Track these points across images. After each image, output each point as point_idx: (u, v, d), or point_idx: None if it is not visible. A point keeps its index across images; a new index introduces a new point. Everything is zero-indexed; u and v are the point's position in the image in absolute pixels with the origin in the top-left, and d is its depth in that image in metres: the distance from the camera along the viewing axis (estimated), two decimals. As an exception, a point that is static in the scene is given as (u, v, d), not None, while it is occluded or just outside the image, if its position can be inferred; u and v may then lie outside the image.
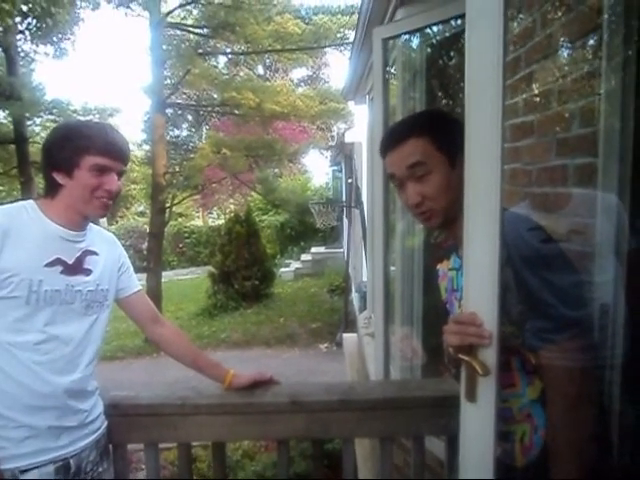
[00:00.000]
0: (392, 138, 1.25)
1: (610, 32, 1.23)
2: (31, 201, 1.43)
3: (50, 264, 1.35)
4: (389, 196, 2.45)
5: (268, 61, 21.26)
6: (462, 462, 1.06)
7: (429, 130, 1.20)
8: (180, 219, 20.62)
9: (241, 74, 18.06)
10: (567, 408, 1.03)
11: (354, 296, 9.19)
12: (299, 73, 24.32)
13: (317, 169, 31.85)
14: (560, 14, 1.46)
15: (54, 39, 7.52)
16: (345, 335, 5.68)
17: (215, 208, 22.93)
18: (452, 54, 3.48)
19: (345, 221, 11.60)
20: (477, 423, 1.01)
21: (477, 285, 0.99)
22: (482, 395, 0.99)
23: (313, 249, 15.63)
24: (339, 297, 10.52)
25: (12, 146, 9.22)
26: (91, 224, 1.51)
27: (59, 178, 1.37)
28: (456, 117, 1.30)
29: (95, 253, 1.47)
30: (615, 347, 1.14)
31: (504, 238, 0.95)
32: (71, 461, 1.37)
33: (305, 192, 16.75)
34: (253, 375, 1.61)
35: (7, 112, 8.79)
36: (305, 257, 15.28)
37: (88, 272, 1.43)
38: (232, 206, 20.25)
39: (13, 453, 1.27)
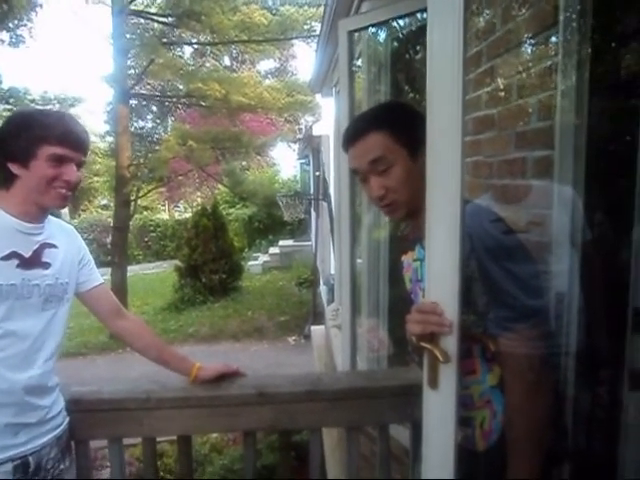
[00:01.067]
0: (352, 133, 1.26)
1: (568, 30, 1.26)
2: None
3: (5, 258, 1.30)
4: (355, 189, 2.47)
5: (235, 52, 20.97)
6: (425, 447, 1.08)
7: (388, 123, 1.21)
8: (145, 212, 20.26)
9: (207, 65, 17.77)
10: (524, 394, 1.06)
11: (322, 289, 9.22)
12: (266, 65, 24.08)
13: (285, 162, 31.68)
14: (521, 10, 1.49)
15: (10, 25, 7.21)
16: (313, 327, 5.71)
17: (181, 201, 22.64)
18: (418, 48, 3.51)
19: (313, 214, 11.61)
20: (439, 409, 1.04)
21: (439, 275, 1.01)
22: (443, 382, 1.01)
23: (281, 242, 15.61)
24: (307, 290, 10.55)
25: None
26: (50, 216, 1.47)
27: (14, 169, 1.31)
28: (421, 110, 1.32)
29: (54, 246, 1.43)
30: (570, 335, 1.18)
31: (467, 229, 0.97)
32: (30, 459, 1.33)
33: (273, 185, 16.67)
34: (219, 367, 1.60)
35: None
36: (273, 250, 15.24)
37: (46, 265, 1.39)
38: (199, 199, 20.04)
39: (-31, 452, 1.24)
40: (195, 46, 15.42)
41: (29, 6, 7.31)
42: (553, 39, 1.35)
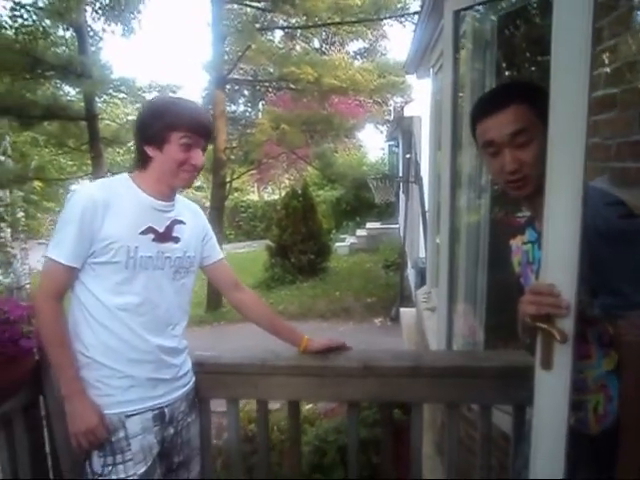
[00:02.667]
0: (491, 104, 1.23)
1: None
2: (125, 174, 1.55)
3: (144, 232, 1.47)
4: (456, 170, 2.45)
5: (324, 34, 21.03)
6: (535, 429, 1.09)
7: (530, 98, 1.18)
8: (236, 194, 21.05)
9: (297, 48, 17.99)
10: (637, 383, 1.04)
11: (410, 272, 9.17)
12: (355, 45, 23.92)
13: (371, 144, 31.48)
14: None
15: (124, 18, 7.79)
16: (402, 310, 5.73)
17: (270, 183, 23.27)
18: (521, 25, 3.38)
19: (402, 197, 11.50)
20: (552, 391, 1.04)
21: (556, 257, 1.01)
22: (558, 363, 1.02)
23: (368, 224, 15.62)
24: (394, 273, 10.53)
25: (82, 122, 9.67)
26: (178, 195, 1.62)
27: (150, 151, 1.48)
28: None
29: (182, 222, 1.58)
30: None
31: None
32: (166, 410, 1.52)
33: (361, 167, 16.67)
34: (327, 341, 1.70)
35: (79, 90, 9.21)
36: (360, 232, 15.31)
37: (176, 240, 1.55)
38: (287, 181, 20.50)
39: (119, 400, 1.43)
40: (286, 30, 15.63)
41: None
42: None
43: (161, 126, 1.45)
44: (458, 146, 2.44)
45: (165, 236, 1.52)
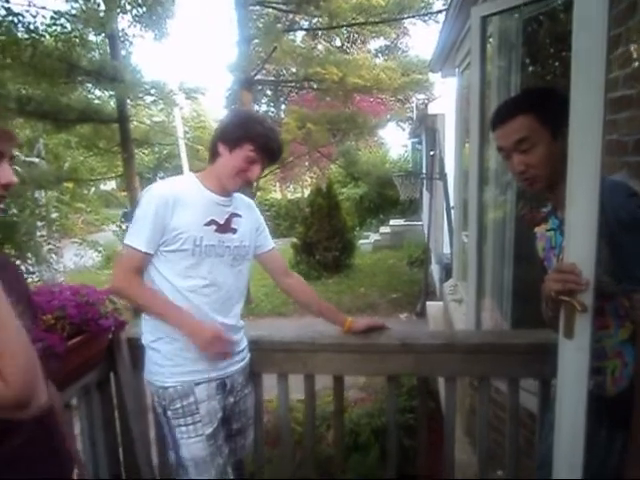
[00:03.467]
0: (501, 115, 1.42)
1: None
2: (191, 173, 1.77)
3: (207, 224, 1.67)
4: (483, 168, 2.59)
5: (346, 33, 21.09)
6: (559, 393, 1.24)
7: (534, 107, 1.35)
8: (259, 192, 21.27)
9: (319, 47, 18.13)
10: None
11: (434, 268, 9.27)
12: (377, 43, 23.92)
13: (393, 141, 31.45)
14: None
15: (159, 25, 8.06)
16: (428, 303, 5.86)
17: (292, 181, 23.46)
18: (546, 25, 3.49)
19: (425, 193, 11.58)
20: (573, 357, 1.20)
21: (577, 240, 1.16)
22: (579, 331, 1.17)
23: (392, 221, 15.69)
24: (418, 269, 10.62)
25: (114, 124, 9.99)
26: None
27: (221, 149, 1.68)
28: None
29: (239, 215, 1.78)
30: None
31: (603, 203, 1.11)
32: (227, 381, 1.72)
33: (384, 165, 16.75)
34: (368, 322, 1.89)
35: (112, 93, 9.53)
36: (384, 229, 15.39)
37: (234, 231, 1.75)
38: (309, 179, 20.67)
39: (190, 369, 1.64)
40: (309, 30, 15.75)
41: (172, 2, 8.12)
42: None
43: (240, 133, 1.65)
44: (486, 143, 2.58)
45: (225, 227, 1.72)
